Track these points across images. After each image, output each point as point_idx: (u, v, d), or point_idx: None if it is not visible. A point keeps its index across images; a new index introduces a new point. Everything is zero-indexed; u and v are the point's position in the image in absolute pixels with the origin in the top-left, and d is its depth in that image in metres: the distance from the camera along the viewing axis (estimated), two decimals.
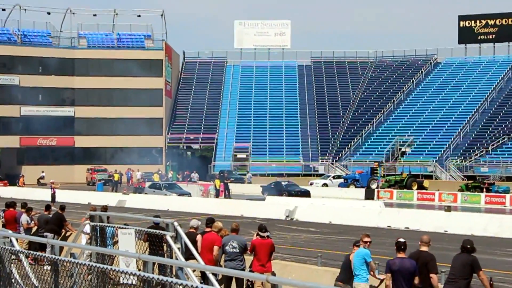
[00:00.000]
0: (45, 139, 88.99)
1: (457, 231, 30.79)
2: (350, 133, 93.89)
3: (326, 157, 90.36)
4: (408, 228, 33.10)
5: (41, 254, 11.33)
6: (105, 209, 21.39)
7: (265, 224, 17.33)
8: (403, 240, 13.52)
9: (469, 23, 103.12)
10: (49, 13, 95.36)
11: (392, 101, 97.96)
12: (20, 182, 72.69)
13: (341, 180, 73.36)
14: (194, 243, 15.07)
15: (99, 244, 14.73)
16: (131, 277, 9.33)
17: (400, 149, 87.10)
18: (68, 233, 23.58)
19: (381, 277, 14.49)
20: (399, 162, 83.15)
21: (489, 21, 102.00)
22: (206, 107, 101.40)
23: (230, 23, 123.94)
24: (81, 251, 15.31)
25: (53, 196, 51.55)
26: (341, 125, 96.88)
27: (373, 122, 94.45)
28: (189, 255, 14.22)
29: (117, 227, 14.49)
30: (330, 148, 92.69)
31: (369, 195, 60.92)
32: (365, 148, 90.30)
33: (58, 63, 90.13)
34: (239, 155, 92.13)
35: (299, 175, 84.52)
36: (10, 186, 67.99)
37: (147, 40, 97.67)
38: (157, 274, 12.22)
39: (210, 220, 17.21)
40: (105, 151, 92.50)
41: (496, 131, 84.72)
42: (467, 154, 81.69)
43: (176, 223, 13.36)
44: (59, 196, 51.48)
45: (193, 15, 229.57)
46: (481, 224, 32.20)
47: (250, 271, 15.68)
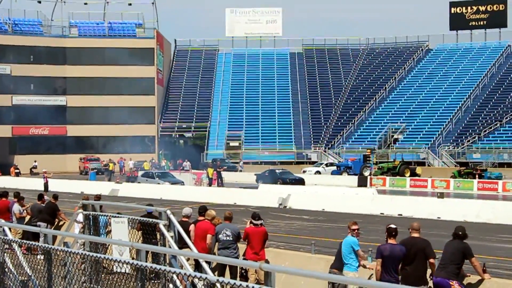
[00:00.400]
0: (37, 128, 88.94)
1: (450, 218, 30.82)
2: (342, 121, 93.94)
3: (318, 145, 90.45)
4: (401, 215, 33.10)
5: (34, 243, 11.30)
6: (98, 198, 21.41)
7: (258, 212, 17.33)
8: (394, 226, 13.60)
9: (460, 10, 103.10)
10: (39, 2, 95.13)
11: (384, 88, 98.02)
12: (11, 172, 72.50)
13: (334, 167, 73.48)
14: (187, 232, 15.05)
15: (92, 233, 14.71)
16: (124, 265, 9.33)
17: (392, 136, 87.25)
18: (61, 223, 23.57)
19: (370, 265, 14.49)
20: (391, 149, 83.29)
21: (480, 7, 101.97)
22: (198, 95, 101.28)
23: (221, 11, 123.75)
24: (74, 240, 15.29)
25: (45, 185, 51.56)
26: (333, 112, 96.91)
27: (365, 109, 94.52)
28: (183, 244, 14.21)
29: (110, 216, 14.47)
30: (322, 135, 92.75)
31: (362, 183, 61.04)
32: (358, 135, 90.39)
33: (49, 52, 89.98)
34: (232, 143, 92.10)
35: (292, 163, 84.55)
36: (2, 176, 67.74)
37: (138, 28, 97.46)
38: (150, 262, 12.21)
39: (202, 208, 17.21)
40: (97, 140, 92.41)
41: (488, 117, 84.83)
42: (459, 140, 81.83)
43: (169, 212, 13.35)
44: (52, 185, 51.45)
45: (184, 3, 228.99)
46: (474, 210, 32.24)
47: (243, 259, 15.69)
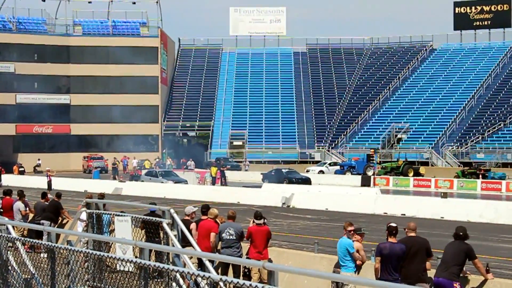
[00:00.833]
0: (41, 126, 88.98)
1: (453, 218, 30.80)
2: (346, 120, 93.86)
3: (322, 144, 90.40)
4: (404, 214, 33.08)
5: (37, 241, 11.32)
6: (101, 196, 21.40)
7: (262, 211, 17.33)
8: (394, 224, 13.58)
9: (464, 9, 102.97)
10: (44, 0, 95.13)
11: (388, 88, 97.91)
12: (14, 170, 72.63)
13: (338, 167, 73.40)
14: (189, 231, 15.05)
15: (95, 231, 14.72)
16: (127, 264, 9.34)
17: (396, 136, 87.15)
18: (64, 221, 23.58)
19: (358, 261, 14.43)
20: (395, 148, 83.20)
21: (484, 7, 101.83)
22: (202, 94, 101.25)
23: (225, 10, 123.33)
24: (77, 239, 15.31)
25: (49, 183, 51.56)
26: (337, 112, 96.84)
27: (369, 109, 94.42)
28: (186, 243, 14.21)
29: (114, 214, 14.48)
30: (326, 135, 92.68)
31: (366, 182, 61.02)
32: (361, 135, 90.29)
33: (53, 50, 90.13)
34: (235, 143, 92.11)
35: (295, 162, 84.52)
36: (6, 174, 67.82)
37: (142, 27, 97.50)
38: (153, 261, 12.23)
39: (205, 207, 17.20)
40: (101, 138, 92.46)
41: (492, 117, 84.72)
42: (463, 140, 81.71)
43: (172, 210, 13.36)
44: (55, 183, 51.47)
45: (189, 2, 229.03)
46: (477, 210, 32.23)
47: (247, 258, 15.70)
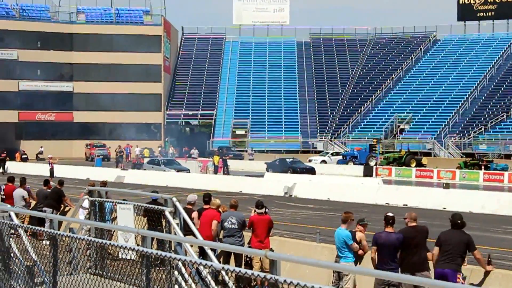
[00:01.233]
0: (43, 114, 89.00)
1: (456, 208, 30.69)
2: (348, 110, 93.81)
3: (324, 134, 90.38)
4: (406, 205, 33.08)
5: (40, 228, 11.31)
6: (104, 184, 21.41)
7: (264, 200, 17.34)
8: (391, 214, 13.54)
9: (468, 0, 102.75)
10: None
11: (391, 78, 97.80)
12: (16, 158, 72.65)
13: (340, 157, 73.35)
14: (190, 219, 15.04)
15: (98, 219, 14.72)
16: (130, 252, 9.36)
17: (398, 126, 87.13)
18: (67, 208, 23.59)
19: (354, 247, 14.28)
20: (397, 139, 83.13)
21: None
22: (204, 83, 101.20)
23: None
24: (79, 226, 15.32)
25: (51, 171, 51.66)
26: (339, 102, 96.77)
27: (372, 99, 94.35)
28: (188, 231, 14.20)
29: (116, 202, 14.48)
30: (328, 125, 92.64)
31: (368, 172, 61.00)
32: (364, 125, 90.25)
33: (56, 38, 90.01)
34: (238, 132, 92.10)
35: (298, 151, 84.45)
36: (9, 161, 67.90)
37: (145, 15, 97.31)
38: (155, 249, 12.24)
39: (207, 196, 17.15)
40: (103, 126, 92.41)
41: (494, 109, 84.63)
42: (465, 131, 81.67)
43: (174, 199, 13.34)
44: (57, 171, 51.53)
45: None
46: (479, 201, 32.25)
47: (249, 247, 15.70)
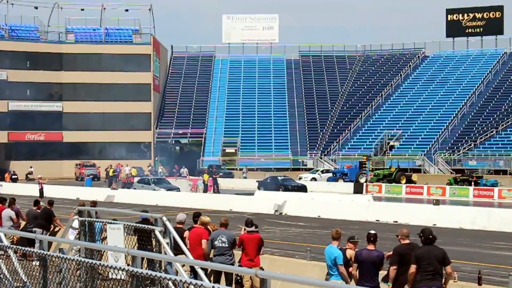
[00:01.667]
0: (33, 134, 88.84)
1: (446, 225, 30.90)
2: (338, 127, 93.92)
3: (314, 151, 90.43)
4: (396, 221, 33.12)
5: (29, 249, 11.29)
6: (94, 204, 21.37)
7: (254, 218, 17.35)
8: (373, 232, 13.77)
9: (456, 17, 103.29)
10: (36, 8, 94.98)
11: (380, 95, 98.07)
12: (6, 178, 72.38)
13: (330, 174, 73.47)
14: (182, 239, 15.04)
15: (87, 239, 14.69)
16: (120, 272, 9.33)
17: (388, 143, 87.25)
18: (56, 229, 23.53)
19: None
20: (387, 156, 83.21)
21: (476, 14, 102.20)
22: (194, 101, 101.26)
23: (218, 17, 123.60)
24: (69, 247, 15.28)
25: (41, 191, 51.39)
26: (329, 119, 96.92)
27: (362, 116, 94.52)
28: (178, 251, 14.20)
29: (106, 222, 14.46)
30: (318, 142, 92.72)
31: (358, 189, 61.04)
32: (354, 142, 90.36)
33: (46, 57, 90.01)
34: (228, 150, 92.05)
35: (288, 169, 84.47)
36: None
37: (135, 34, 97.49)
38: (146, 269, 12.21)
39: (196, 214, 17.20)
40: (93, 146, 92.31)
41: (484, 125, 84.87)
42: (455, 147, 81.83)
43: (164, 218, 13.34)
44: (47, 191, 51.27)
45: (181, 9, 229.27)
46: (469, 217, 32.31)
47: (239, 266, 15.69)
